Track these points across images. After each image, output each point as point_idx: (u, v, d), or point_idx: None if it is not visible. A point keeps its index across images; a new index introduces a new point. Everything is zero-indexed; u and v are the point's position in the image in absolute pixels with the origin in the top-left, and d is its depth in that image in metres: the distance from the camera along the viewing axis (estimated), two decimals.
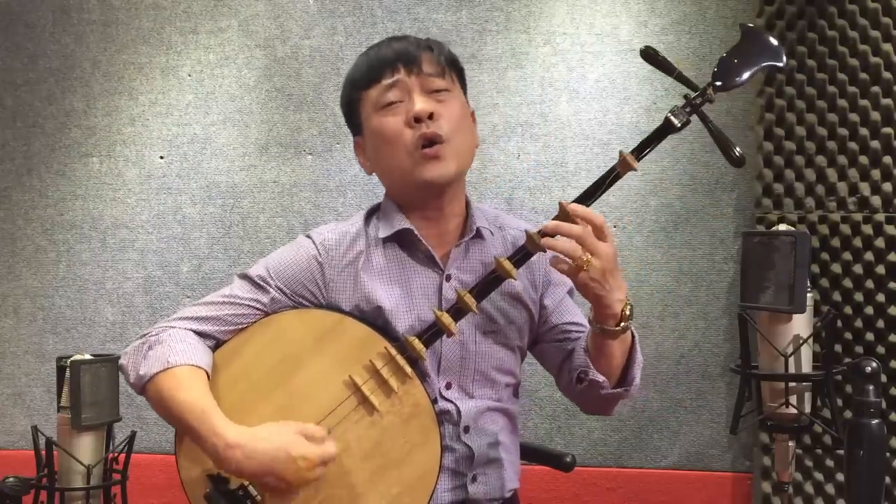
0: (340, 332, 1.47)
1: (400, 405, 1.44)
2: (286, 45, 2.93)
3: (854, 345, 2.56)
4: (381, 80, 1.51)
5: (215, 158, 2.96)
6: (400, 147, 1.50)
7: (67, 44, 3.04)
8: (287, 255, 1.56)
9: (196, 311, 1.52)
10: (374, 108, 1.52)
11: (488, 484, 1.56)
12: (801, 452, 2.57)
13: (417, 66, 1.51)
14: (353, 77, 1.58)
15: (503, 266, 1.43)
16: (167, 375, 1.44)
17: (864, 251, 2.55)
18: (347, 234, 1.56)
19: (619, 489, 2.78)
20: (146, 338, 1.50)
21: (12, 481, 2.14)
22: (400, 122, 1.49)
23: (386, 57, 1.53)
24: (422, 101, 1.49)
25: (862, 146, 2.56)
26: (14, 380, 3.05)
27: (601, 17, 2.79)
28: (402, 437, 1.43)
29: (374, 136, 1.54)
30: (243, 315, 1.51)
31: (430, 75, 1.51)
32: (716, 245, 2.75)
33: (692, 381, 2.76)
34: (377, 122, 1.52)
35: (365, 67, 1.55)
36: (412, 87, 1.51)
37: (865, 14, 2.55)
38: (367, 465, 1.43)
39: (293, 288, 1.53)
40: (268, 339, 1.49)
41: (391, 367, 1.44)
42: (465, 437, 1.53)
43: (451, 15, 2.86)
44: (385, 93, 1.51)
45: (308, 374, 1.45)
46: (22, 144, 3.06)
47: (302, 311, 1.52)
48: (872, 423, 1.87)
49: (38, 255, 3.05)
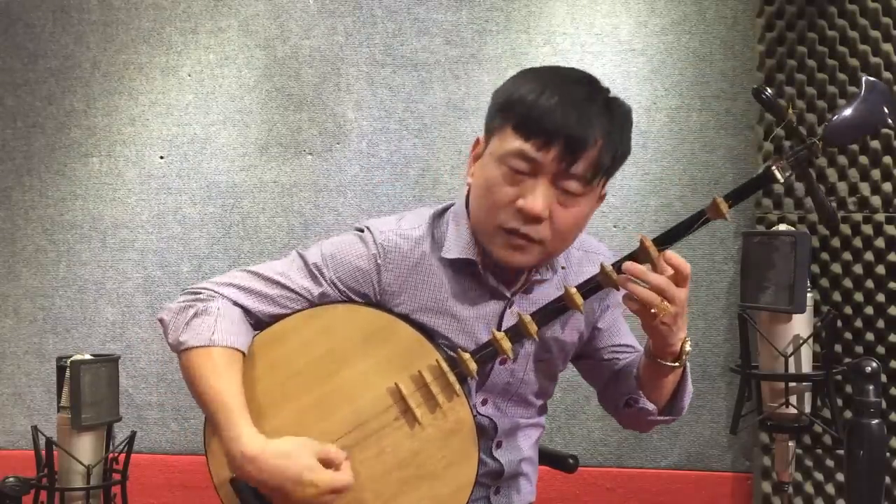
0: (390, 335, 1.43)
1: (443, 420, 1.40)
2: (286, 45, 2.93)
3: (854, 345, 2.56)
4: (526, 144, 1.33)
5: (215, 158, 2.96)
6: (493, 213, 1.37)
7: (67, 44, 3.04)
8: (345, 248, 1.47)
9: (247, 282, 1.45)
10: (501, 157, 1.36)
11: (510, 497, 1.55)
12: (801, 452, 2.57)
13: (574, 157, 1.33)
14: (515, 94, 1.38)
15: (572, 297, 1.38)
16: (205, 353, 1.39)
17: (864, 251, 2.54)
18: (410, 238, 1.46)
19: (619, 489, 2.78)
20: (195, 302, 1.43)
21: (12, 481, 2.14)
22: (509, 195, 1.35)
23: (551, 122, 1.32)
24: (543, 196, 1.34)
25: (862, 146, 2.56)
26: (14, 380, 3.05)
27: (601, 17, 2.79)
28: (440, 452, 1.40)
29: (484, 180, 1.39)
30: (291, 299, 1.45)
31: (573, 178, 1.35)
32: (716, 245, 2.75)
33: (692, 381, 2.76)
34: (494, 173, 1.36)
35: (529, 104, 1.35)
36: (545, 174, 1.34)
37: (865, 14, 2.55)
38: (399, 473, 1.40)
39: (347, 283, 1.45)
40: (316, 330, 1.44)
41: (440, 382, 1.40)
42: (496, 452, 1.51)
43: (451, 15, 2.86)
44: (519, 160, 1.34)
45: (352, 373, 1.42)
46: (22, 144, 3.06)
47: (353, 307, 1.46)
48: (872, 423, 1.87)
49: (38, 255, 3.05)
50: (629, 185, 2.77)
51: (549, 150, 1.33)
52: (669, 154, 2.75)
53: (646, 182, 2.76)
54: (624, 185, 2.77)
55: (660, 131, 2.76)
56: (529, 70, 1.44)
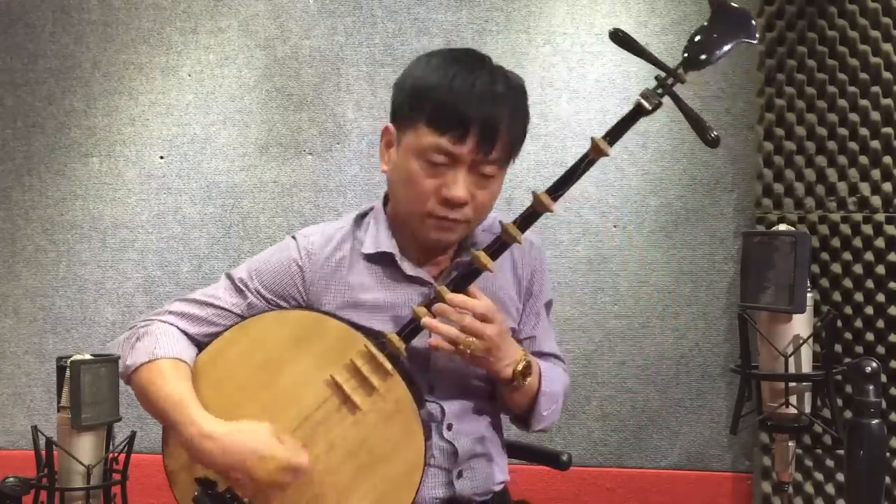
0: (320, 331, 1.47)
1: (382, 402, 1.44)
2: (286, 45, 2.93)
3: (854, 345, 2.56)
4: (442, 138, 1.39)
5: (215, 158, 2.96)
6: (418, 201, 1.44)
7: (67, 44, 3.04)
8: (269, 257, 1.56)
9: (180, 307, 1.54)
10: (417, 152, 1.42)
11: (474, 479, 1.57)
12: (801, 452, 2.57)
13: (489, 147, 1.40)
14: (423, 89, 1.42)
15: (479, 258, 1.43)
16: (152, 367, 1.46)
17: (864, 251, 2.55)
18: (333, 238, 1.55)
19: (619, 489, 2.78)
20: (135, 329, 1.53)
21: (12, 481, 2.14)
22: (432, 187, 1.42)
23: (465, 116, 1.38)
24: (463, 183, 1.41)
25: (862, 146, 2.56)
26: (14, 380, 3.05)
27: (601, 17, 2.79)
28: (385, 434, 1.44)
29: (403, 170, 1.45)
30: (222, 316, 1.53)
31: (489, 163, 1.42)
32: (716, 245, 2.75)
33: (692, 381, 2.76)
34: (413, 167, 1.43)
35: (440, 99, 1.40)
36: (463, 162, 1.41)
37: (865, 14, 2.55)
38: (352, 463, 1.44)
39: (273, 290, 1.53)
40: (250, 341, 1.50)
41: (372, 365, 1.44)
42: (448, 435, 1.53)
43: (451, 15, 2.86)
44: (436, 153, 1.40)
45: (291, 374, 1.46)
46: (22, 144, 3.06)
47: (281, 313, 1.52)
48: (872, 423, 1.87)
49: (38, 255, 3.05)
50: (629, 185, 2.77)
51: (465, 143, 1.40)
52: (669, 154, 2.75)
53: (646, 182, 2.76)
54: (624, 185, 2.77)
55: (660, 131, 2.76)
56: (425, 57, 1.49)
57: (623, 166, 2.78)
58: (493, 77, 1.44)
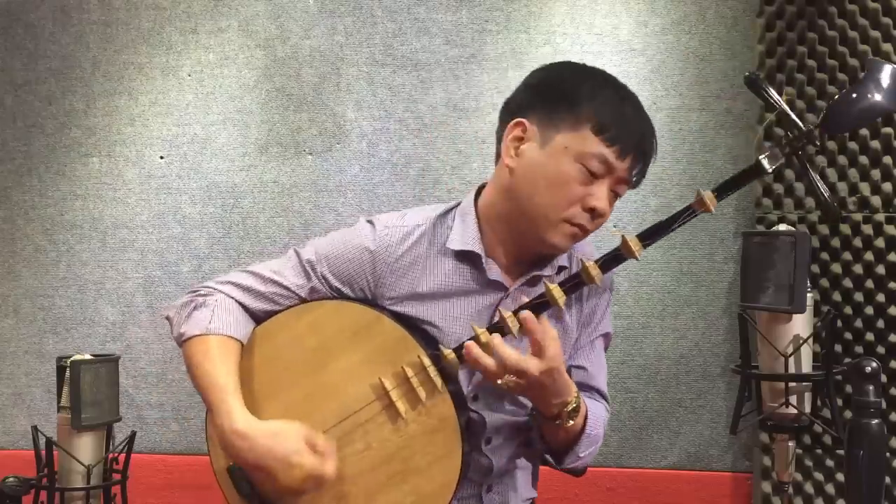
0: (377, 330, 1.45)
1: (427, 416, 1.42)
2: (286, 45, 2.93)
3: (854, 345, 2.56)
4: (608, 148, 1.41)
5: (215, 158, 2.96)
6: (562, 205, 1.42)
7: (67, 44, 3.04)
8: (341, 242, 1.51)
9: (245, 280, 1.52)
10: (575, 155, 1.41)
11: (503, 494, 1.55)
12: (801, 452, 2.57)
13: (638, 169, 1.47)
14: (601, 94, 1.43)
15: (551, 292, 1.39)
16: (202, 341, 1.45)
17: (864, 251, 2.54)
18: (412, 233, 1.50)
19: (619, 489, 2.78)
20: (195, 296, 1.51)
21: (12, 481, 2.14)
22: (579, 192, 1.41)
23: (633, 135, 1.44)
24: (605, 198, 1.43)
25: (862, 146, 2.56)
26: (14, 380, 3.05)
27: (601, 17, 2.79)
28: (425, 448, 1.42)
29: (551, 172, 1.42)
30: (284, 296, 1.51)
31: (628, 183, 1.47)
32: (716, 245, 2.75)
33: (692, 381, 2.76)
34: (567, 167, 1.41)
35: (615, 112, 1.42)
36: (612, 176, 1.43)
37: (865, 14, 2.55)
38: (385, 469, 1.42)
39: (341, 278, 1.49)
40: (306, 325, 1.48)
41: (422, 377, 1.41)
42: (486, 449, 1.51)
43: (451, 15, 2.86)
44: (598, 161, 1.41)
45: (339, 367, 1.45)
46: (22, 144, 3.06)
47: (341, 304, 1.49)
48: (872, 423, 1.86)
49: (38, 255, 3.05)
50: None
51: (626, 159, 1.42)
52: (669, 154, 2.75)
53: (646, 182, 2.75)
54: None
55: (660, 131, 2.72)
56: (569, 64, 1.51)
57: None
58: (639, 100, 1.50)
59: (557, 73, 1.50)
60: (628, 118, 1.43)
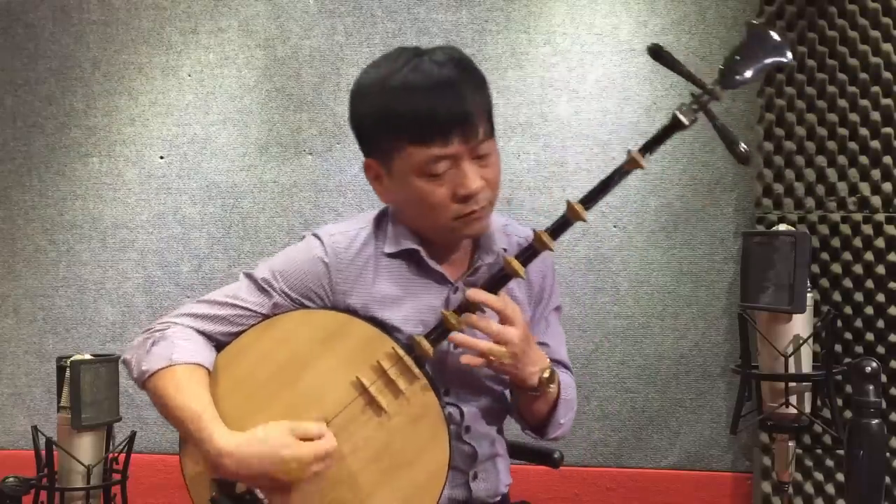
0: (347, 332, 1.46)
1: (408, 406, 1.43)
2: (286, 45, 2.93)
3: (854, 345, 2.55)
4: (431, 148, 1.39)
5: (215, 158, 2.96)
6: (442, 215, 1.43)
7: (67, 44, 3.04)
8: (293, 257, 1.53)
9: (199, 309, 1.51)
10: (415, 171, 1.41)
11: (488, 481, 1.57)
12: (801, 452, 2.57)
13: (473, 132, 1.40)
14: (389, 117, 1.42)
15: (510, 264, 1.42)
16: (168, 373, 1.44)
17: (864, 251, 2.54)
18: (357, 238, 1.53)
19: (619, 489, 2.78)
20: (150, 333, 1.49)
21: (12, 481, 2.14)
22: (446, 194, 1.41)
23: (440, 118, 1.38)
24: (472, 174, 1.41)
25: (862, 146, 2.56)
26: (14, 380, 3.05)
27: (601, 17, 2.79)
28: (411, 439, 1.42)
29: (409, 194, 1.44)
30: (246, 317, 1.50)
31: (481, 143, 1.42)
32: (716, 245, 2.75)
33: (692, 381, 2.76)
34: (419, 186, 1.42)
35: (410, 117, 1.39)
36: (462, 156, 1.40)
37: (865, 14, 2.55)
38: (376, 466, 1.42)
39: (299, 291, 1.51)
40: (274, 340, 1.48)
41: (399, 368, 1.43)
42: (466, 437, 1.53)
43: (451, 15, 2.86)
44: (434, 164, 1.40)
45: (315, 375, 1.44)
46: (22, 144, 3.06)
47: (307, 312, 1.50)
48: (872, 423, 1.87)
49: (38, 255, 3.05)
50: (629, 185, 2.76)
51: (453, 141, 1.39)
52: (669, 154, 2.75)
53: (646, 182, 2.76)
54: (624, 185, 2.76)
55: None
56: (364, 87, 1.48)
57: None
58: (437, 63, 1.42)
59: (355, 109, 1.50)
60: (423, 109, 1.38)
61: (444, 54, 1.44)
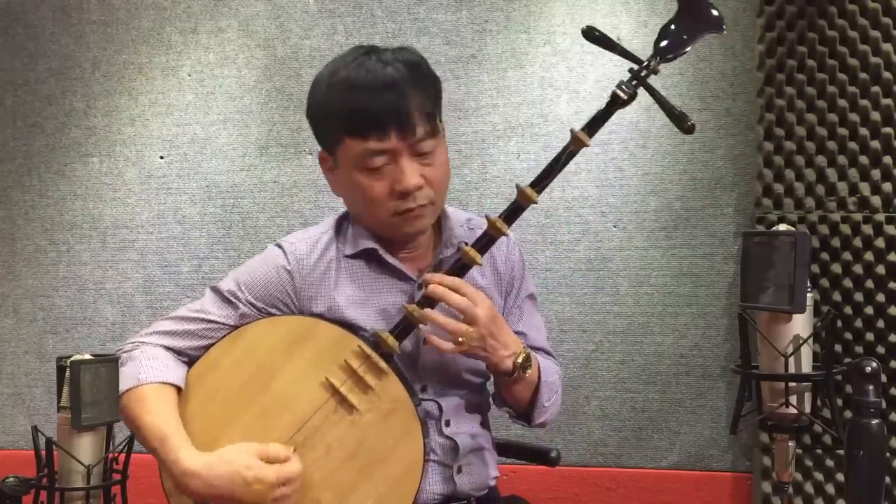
0: (313, 335, 1.47)
1: (378, 402, 1.44)
2: (286, 45, 2.93)
3: (854, 345, 2.56)
4: (368, 142, 1.43)
5: (215, 158, 2.96)
6: (381, 210, 1.47)
7: (67, 44, 3.04)
8: (257, 267, 1.56)
9: (167, 326, 1.54)
10: (355, 164, 1.46)
11: (473, 475, 1.58)
12: (801, 452, 2.57)
13: (411, 129, 1.43)
14: (330, 110, 1.47)
15: (467, 254, 1.44)
16: (136, 394, 1.49)
17: (864, 251, 2.55)
18: (319, 242, 1.56)
19: (619, 489, 2.78)
20: (120, 353, 1.54)
21: (12, 481, 2.14)
22: (384, 189, 1.45)
23: (374, 113, 1.41)
24: (410, 171, 1.44)
25: (862, 146, 2.56)
26: (14, 380, 3.05)
27: (601, 17, 2.79)
28: (384, 434, 1.44)
29: (352, 187, 1.49)
30: (214, 329, 1.52)
31: (421, 140, 1.44)
32: (716, 245, 2.75)
33: (692, 381, 2.76)
34: (359, 179, 1.46)
35: (347, 113, 1.44)
36: (401, 152, 1.44)
37: (865, 14, 2.55)
38: (351, 465, 1.43)
39: (265, 300, 1.53)
40: (243, 350, 1.49)
41: (367, 365, 1.44)
42: (447, 431, 1.54)
43: (451, 15, 2.86)
44: (371, 157, 1.44)
45: (286, 380, 1.46)
46: (22, 144, 3.06)
47: (273, 320, 1.52)
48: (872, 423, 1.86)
49: (38, 255, 3.05)
50: (629, 185, 2.77)
51: (389, 136, 1.41)
52: (669, 154, 2.75)
53: (646, 182, 2.76)
54: (624, 185, 2.77)
55: (660, 131, 2.76)
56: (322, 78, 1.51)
57: (623, 166, 2.78)
58: (383, 62, 1.45)
59: (310, 99, 1.54)
60: (359, 103, 1.42)
61: (394, 54, 1.48)
